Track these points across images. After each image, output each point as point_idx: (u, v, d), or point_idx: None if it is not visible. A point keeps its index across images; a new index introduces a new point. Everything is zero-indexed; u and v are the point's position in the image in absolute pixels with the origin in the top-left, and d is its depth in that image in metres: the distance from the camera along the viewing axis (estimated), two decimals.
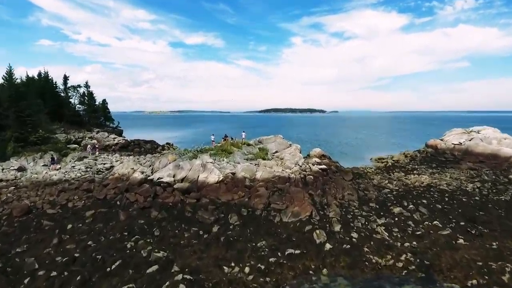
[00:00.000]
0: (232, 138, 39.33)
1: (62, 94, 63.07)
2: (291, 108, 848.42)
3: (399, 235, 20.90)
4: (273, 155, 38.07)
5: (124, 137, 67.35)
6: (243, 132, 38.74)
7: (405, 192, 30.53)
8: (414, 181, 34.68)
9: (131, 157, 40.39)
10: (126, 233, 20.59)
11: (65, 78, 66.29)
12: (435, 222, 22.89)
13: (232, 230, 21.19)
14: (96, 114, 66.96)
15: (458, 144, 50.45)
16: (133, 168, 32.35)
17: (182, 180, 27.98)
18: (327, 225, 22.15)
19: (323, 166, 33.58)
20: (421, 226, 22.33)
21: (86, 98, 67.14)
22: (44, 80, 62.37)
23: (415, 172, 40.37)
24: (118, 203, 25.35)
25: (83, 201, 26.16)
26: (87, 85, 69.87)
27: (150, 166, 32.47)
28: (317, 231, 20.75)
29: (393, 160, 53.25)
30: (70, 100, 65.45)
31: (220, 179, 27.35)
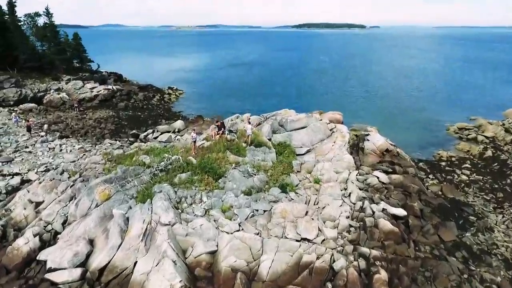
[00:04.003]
0: (230, 131, 22.39)
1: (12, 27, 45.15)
2: (327, 23, 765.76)
3: None
4: (302, 161, 21.56)
5: (108, 85, 51.33)
6: (249, 123, 21.58)
7: None
8: None
9: (71, 152, 24.52)
10: None
11: (11, 3, 46.24)
12: None
13: None
14: (63, 56, 49.54)
15: None
16: (40, 203, 17.70)
17: (100, 273, 13.03)
18: None
19: (400, 212, 17.00)
20: None
21: (48, 32, 49.06)
22: None
23: None
24: None
25: None
26: (48, 13, 49.68)
27: (73, 199, 17.57)
28: None
29: (487, 138, 34.70)
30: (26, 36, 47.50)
31: (178, 285, 12.01)
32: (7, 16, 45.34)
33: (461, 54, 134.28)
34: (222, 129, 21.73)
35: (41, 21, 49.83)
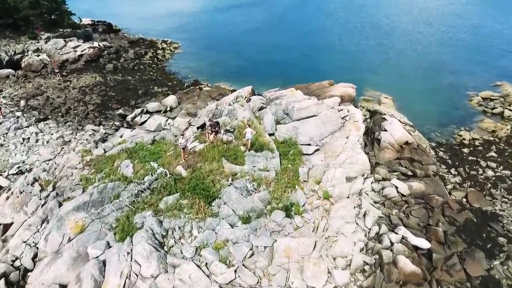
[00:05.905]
0: (227, 131, 18.99)
1: None
2: None
3: None
4: (310, 165, 18.76)
5: (94, 41, 46.01)
6: (248, 127, 17.90)
7: None
8: None
9: (48, 144, 21.46)
10: None
11: None
12: None
13: None
14: (39, 11, 42.74)
15: None
16: (8, 226, 15.47)
17: None
18: None
19: (423, 244, 14.68)
20: None
21: None
22: None
23: None
24: None
25: None
26: None
27: (44, 223, 15.32)
28: None
29: None
30: None
31: None
32: None
33: None
34: (217, 128, 18.46)
35: None
